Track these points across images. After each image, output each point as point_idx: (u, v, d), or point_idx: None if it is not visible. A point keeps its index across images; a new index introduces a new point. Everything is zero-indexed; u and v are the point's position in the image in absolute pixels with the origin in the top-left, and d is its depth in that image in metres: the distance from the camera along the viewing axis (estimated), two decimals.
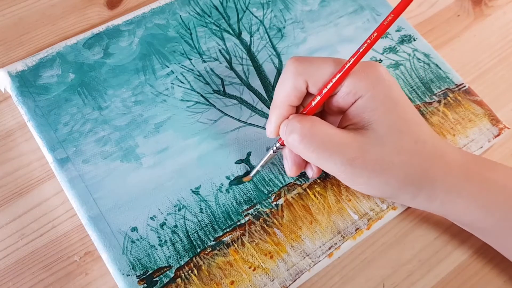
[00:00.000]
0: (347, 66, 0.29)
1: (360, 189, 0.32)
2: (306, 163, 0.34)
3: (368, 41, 0.29)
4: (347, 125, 0.32)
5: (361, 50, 0.29)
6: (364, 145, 0.30)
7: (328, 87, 0.30)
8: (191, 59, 0.39)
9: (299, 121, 0.30)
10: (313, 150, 0.30)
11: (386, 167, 0.30)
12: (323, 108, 0.33)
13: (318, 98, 0.31)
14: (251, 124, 0.37)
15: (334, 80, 0.30)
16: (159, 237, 0.32)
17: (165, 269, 0.31)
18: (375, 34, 0.29)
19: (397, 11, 0.28)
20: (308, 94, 0.32)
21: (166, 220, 0.33)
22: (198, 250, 0.32)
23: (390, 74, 0.32)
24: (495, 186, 0.31)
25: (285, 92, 0.31)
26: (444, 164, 0.31)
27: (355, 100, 0.31)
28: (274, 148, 0.33)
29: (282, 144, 0.32)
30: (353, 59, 0.29)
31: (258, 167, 0.34)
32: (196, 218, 0.33)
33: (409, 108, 0.31)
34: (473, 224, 0.32)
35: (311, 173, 0.34)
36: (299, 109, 0.32)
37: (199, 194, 0.34)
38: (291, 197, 0.35)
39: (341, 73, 0.30)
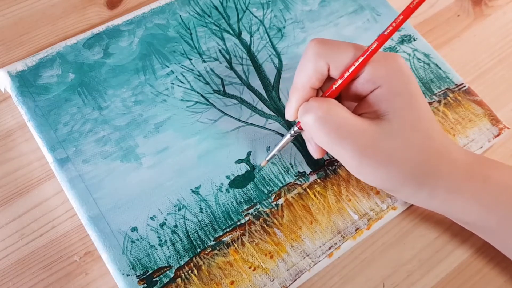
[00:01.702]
0: (370, 49, 0.29)
1: (364, 178, 0.32)
2: None
3: (394, 24, 0.28)
4: (362, 113, 0.31)
5: (386, 33, 0.29)
6: (376, 135, 0.30)
7: (351, 70, 0.30)
8: (191, 59, 0.39)
9: (317, 101, 0.30)
10: (326, 133, 0.30)
11: (394, 160, 0.30)
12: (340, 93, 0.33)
13: (340, 81, 0.30)
14: (251, 124, 0.37)
15: (356, 64, 0.30)
16: (159, 237, 0.32)
17: (165, 269, 0.31)
18: (401, 17, 0.28)
19: None
20: (328, 79, 0.31)
21: (166, 220, 0.33)
22: (198, 250, 0.32)
23: (409, 67, 0.31)
24: (497, 185, 0.31)
25: (307, 74, 0.31)
26: (449, 162, 0.31)
27: (374, 89, 0.31)
28: (292, 132, 0.33)
29: (300, 128, 0.32)
30: (376, 43, 0.29)
31: (274, 151, 0.34)
32: (196, 218, 0.33)
33: (423, 104, 0.31)
34: (474, 223, 0.32)
35: None
36: (319, 93, 0.32)
37: (199, 194, 0.34)
38: (291, 197, 0.35)
39: (364, 56, 0.29)
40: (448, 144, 0.32)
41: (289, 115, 0.32)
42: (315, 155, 0.34)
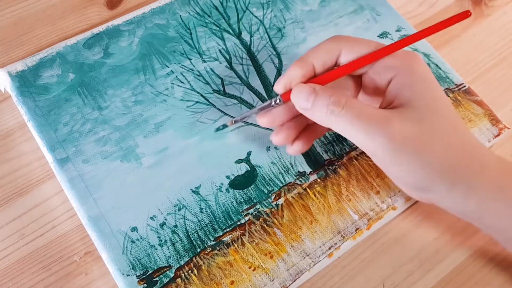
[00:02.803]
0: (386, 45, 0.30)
1: (398, 171, 0.29)
2: (296, 137, 0.32)
3: (415, 36, 0.30)
4: (384, 107, 0.31)
5: (407, 36, 0.30)
6: (402, 121, 0.28)
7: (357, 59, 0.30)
8: (191, 59, 0.39)
9: (336, 94, 0.29)
10: (348, 121, 0.28)
11: (425, 146, 0.28)
12: (359, 92, 0.33)
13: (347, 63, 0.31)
14: (251, 124, 0.37)
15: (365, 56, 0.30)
16: (159, 237, 0.32)
17: (165, 269, 0.31)
18: (424, 30, 0.29)
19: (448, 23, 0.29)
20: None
21: (166, 220, 0.33)
22: (198, 250, 0.32)
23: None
24: None
25: (316, 50, 0.31)
26: (481, 162, 0.29)
27: (391, 77, 0.30)
28: (273, 103, 0.31)
29: (286, 100, 0.31)
30: (396, 42, 0.30)
31: (249, 112, 0.33)
32: (196, 218, 0.33)
33: (445, 98, 0.30)
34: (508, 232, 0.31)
35: (291, 150, 0.32)
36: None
37: (199, 194, 0.34)
38: (291, 196, 0.35)
39: (378, 49, 0.30)
40: (478, 143, 0.30)
41: (280, 86, 0.31)
42: (275, 140, 0.32)
